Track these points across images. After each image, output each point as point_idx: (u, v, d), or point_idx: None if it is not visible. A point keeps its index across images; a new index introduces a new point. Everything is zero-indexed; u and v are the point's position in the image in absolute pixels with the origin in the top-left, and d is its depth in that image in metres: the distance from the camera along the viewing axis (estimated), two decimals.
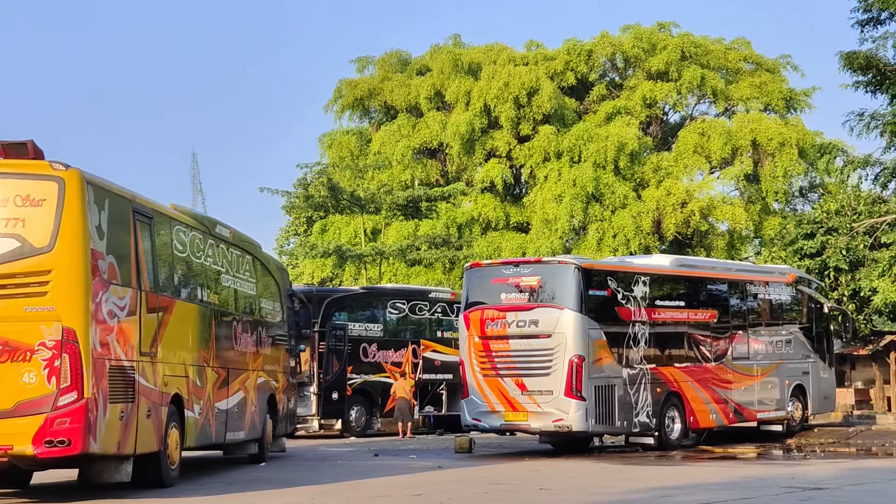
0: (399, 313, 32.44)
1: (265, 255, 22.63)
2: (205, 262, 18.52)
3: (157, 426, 15.82)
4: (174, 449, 16.60)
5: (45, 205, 13.93)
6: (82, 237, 13.95)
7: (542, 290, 23.41)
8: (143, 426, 15.34)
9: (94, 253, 14.14)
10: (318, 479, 18.06)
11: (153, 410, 15.69)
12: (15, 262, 13.88)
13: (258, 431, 21.04)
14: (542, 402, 22.90)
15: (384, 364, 31.36)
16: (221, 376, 18.79)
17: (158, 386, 15.93)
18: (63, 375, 13.67)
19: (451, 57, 51.64)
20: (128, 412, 14.87)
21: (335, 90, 53.74)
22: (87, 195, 14.12)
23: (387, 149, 51.12)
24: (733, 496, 15.28)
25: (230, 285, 19.80)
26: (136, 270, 15.42)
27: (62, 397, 13.65)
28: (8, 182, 14.20)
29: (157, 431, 15.83)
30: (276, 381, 22.19)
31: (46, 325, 13.70)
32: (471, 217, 50.17)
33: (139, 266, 15.51)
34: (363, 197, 46.67)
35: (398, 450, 25.21)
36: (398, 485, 17.13)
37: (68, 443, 13.57)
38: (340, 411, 30.14)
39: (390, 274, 47.53)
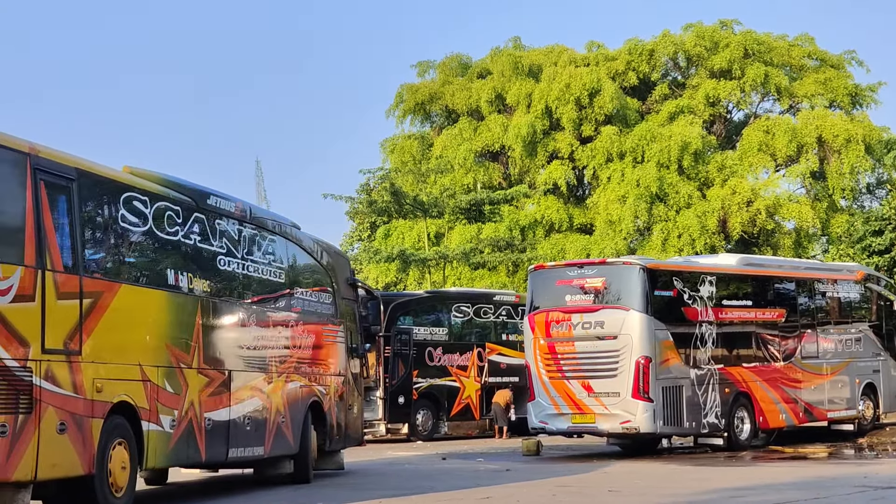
0: (464, 317, 32.48)
1: (305, 238, 19.49)
2: (184, 240, 15.54)
3: (82, 443, 12.70)
4: (119, 471, 13.45)
5: None
6: None
7: (607, 291, 23.37)
8: (53, 444, 12.18)
9: None
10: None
11: (73, 423, 12.53)
12: None
13: (292, 446, 18.13)
14: (609, 403, 22.86)
15: (450, 368, 31.41)
16: (216, 380, 15.85)
17: (85, 392, 12.79)
18: None
19: (511, 59, 51.63)
20: (15, 427, 11.65)
21: (396, 95, 53.93)
22: None
23: (449, 152, 51.20)
24: (805, 496, 15.20)
25: (236, 270, 16.88)
26: (37, 245, 12.18)
27: None
28: None
29: (82, 450, 12.70)
30: (322, 385, 19.32)
31: None
32: (534, 219, 50.11)
33: (43, 239, 12.29)
34: (426, 201, 46.75)
35: (466, 453, 25.25)
36: (466, 487, 17.14)
37: None
38: (407, 415, 30.23)
39: (454, 278, 47.57)
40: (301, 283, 19.11)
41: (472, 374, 31.75)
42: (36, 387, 11.92)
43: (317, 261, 19.72)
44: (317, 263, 19.74)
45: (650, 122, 50.55)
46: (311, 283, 19.55)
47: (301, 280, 19.18)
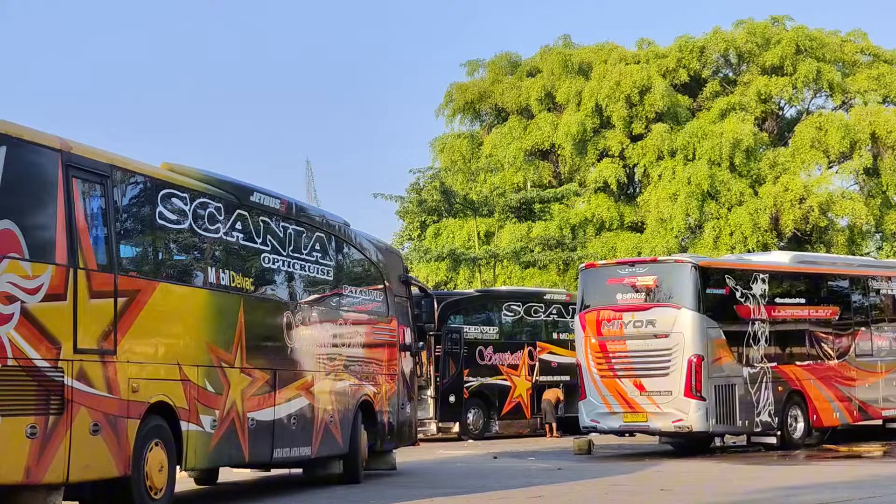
0: (514, 315, 32.45)
1: (354, 235, 19.07)
2: (226, 238, 15.22)
3: (117, 444, 12.40)
4: (156, 473, 13.14)
5: None
6: None
7: (658, 289, 23.24)
8: (86, 445, 11.87)
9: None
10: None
11: (107, 424, 12.21)
12: None
13: (340, 447, 17.77)
14: (661, 402, 22.74)
15: (500, 366, 31.36)
16: (260, 380, 15.52)
17: (119, 392, 12.48)
18: None
19: (561, 57, 51.46)
20: (46, 428, 11.33)
21: (446, 94, 53.89)
22: None
23: (498, 151, 51.11)
24: (859, 495, 15.03)
25: (281, 267, 16.57)
26: (69, 243, 11.85)
27: None
28: None
29: (117, 451, 12.41)
30: (373, 384, 18.93)
31: None
32: (584, 218, 49.93)
33: (75, 238, 11.94)
34: (476, 200, 46.70)
35: (517, 452, 25.21)
36: (518, 487, 17.02)
37: None
38: (458, 414, 30.21)
39: (504, 276, 47.48)
40: (350, 281, 18.87)
41: (523, 372, 31.70)
42: (67, 387, 11.62)
43: (367, 258, 19.40)
44: (367, 260, 19.42)
45: (701, 119, 50.20)
46: (361, 280, 19.31)
47: (350, 277, 18.94)
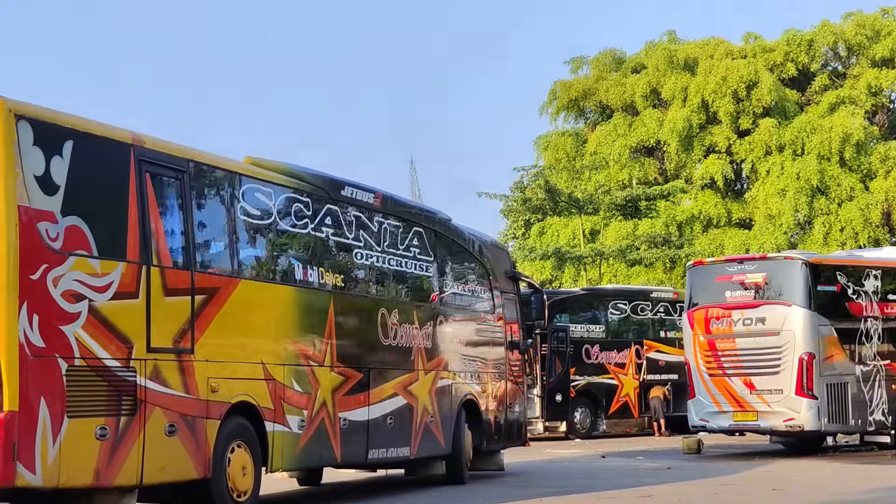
0: (621, 314, 32.24)
1: (456, 230, 18.47)
2: (315, 233, 14.72)
3: (195, 445, 11.98)
4: (239, 475, 12.66)
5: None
6: (3, 191, 10.14)
7: (767, 287, 22.90)
8: (161, 446, 11.48)
9: (30, 213, 10.28)
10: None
11: (184, 425, 11.82)
12: None
13: (442, 447, 17.18)
14: (771, 401, 22.35)
15: (607, 365, 31.17)
16: (352, 379, 14.98)
17: (197, 392, 12.06)
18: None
19: (666, 53, 50.99)
20: (118, 429, 10.94)
21: (550, 92, 53.67)
22: (16, 134, 10.26)
23: (603, 149, 50.80)
24: None
25: (375, 263, 16.02)
26: (142, 240, 11.45)
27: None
28: None
29: (195, 452, 11.98)
30: (478, 382, 18.33)
31: None
32: (691, 215, 49.41)
33: (148, 234, 11.56)
34: (581, 198, 46.41)
35: (625, 452, 24.97)
36: (627, 486, 16.81)
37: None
38: (565, 413, 30.08)
39: (610, 275, 47.17)
40: (452, 276, 18.40)
41: (630, 371, 31.49)
42: (140, 387, 11.23)
43: (470, 253, 18.81)
44: (470, 255, 18.84)
45: (810, 113, 49.41)
46: (463, 275, 18.79)
47: (451, 273, 18.43)
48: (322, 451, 14.43)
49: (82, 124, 11.10)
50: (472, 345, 18.43)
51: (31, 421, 10.06)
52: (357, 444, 15.09)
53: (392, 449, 15.92)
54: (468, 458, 18.01)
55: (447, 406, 17.35)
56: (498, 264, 19.68)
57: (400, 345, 16.24)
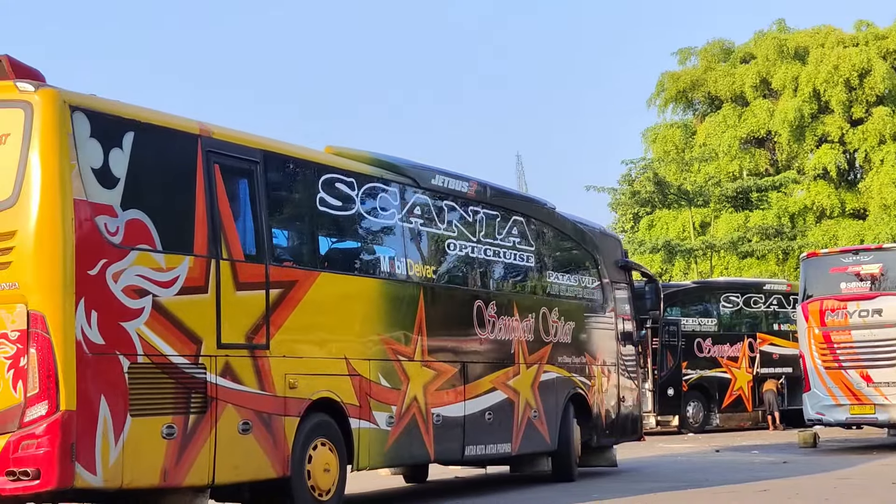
0: (733, 307, 31.87)
1: (560, 218, 17.80)
2: (403, 224, 14.15)
3: (272, 444, 11.54)
4: (322, 473, 12.18)
5: (9, 141, 9.84)
6: (58, 184, 9.69)
7: (884, 277, 22.44)
8: (234, 445, 11.07)
9: (86, 207, 9.86)
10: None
11: (259, 423, 11.38)
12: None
13: (547, 443, 16.54)
14: (889, 393, 21.84)
15: (720, 359, 30.84)
16: (446, 373, 14.46)
17: (274, 389, 11.61)
18: (30, 379, 9.50)
19: (775, 43, 50.25)
20: (186, 428, 10.55)
21: (657, 83, 53.19)
22: (72, 125, 9.87)
23: (712, 140, 50.26)
24: None
25: (470, 254, 15.48)
26: (210, 233, 11.01)
27: (29, 410, 9.47)
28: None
29: (273, 451, 11.54)
30: (586, 376, 17.58)
31: (8, 309, 9.58)
32: (803, 206, 48.66)
33: (217, 227, 11.12)
34: (690, 190, 45.90)
35: (739, 446, 24.60)
36: (743, 481, 16.49)
37: (34, 475, 9.38)
38: (677, 407, 29.82)
39: (721, 267, 46.70)
40: (555, 267, 17.64)
41: (743, 364, 31.10)
42: (210, 384, 10.79)
43: (577, 242, 18.15)
44: (577, 245, 18.17)
45: None
46: (569, 265, 17.99)
47: (555, 263, 17.69)
48: (413, 448, 13.87)
49: (145, 115, 10.71)
50: (579, 337, 17.62)
51: (91, 420, 9.67)
52: (452, 441, 14.56)
53: (491, 445, 15.32)
54: (577, 455, 17.33)
55: (552, 400, 16.68)
56: (607, 253, 18.96)
57: (498, 337, 15.62)
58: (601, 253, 18.68)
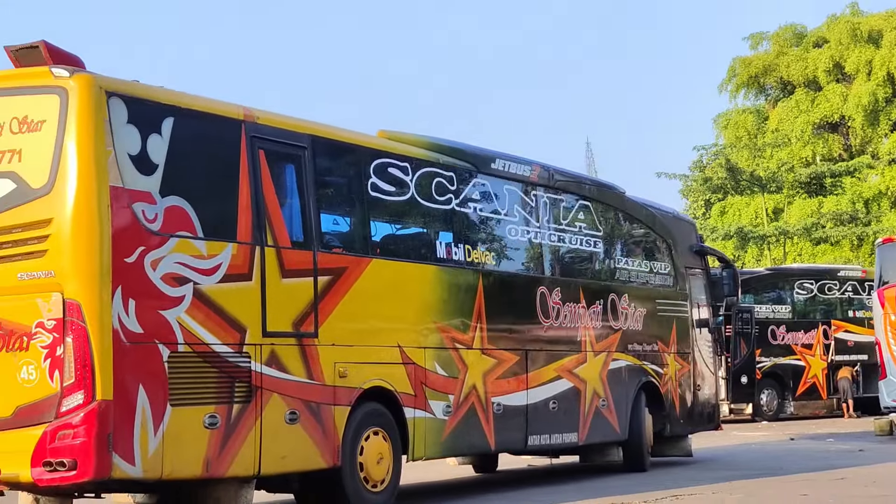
0: (807, 294, 31.53)
1: (630, 202, 17.38)
2: (461, 209, 13.78)
3: (321, 433, 11.26)
4: (374, 463, 11.89)
5: (44, 128, 9.65)
6: (94, 171, 9.48)
7: None
8: (281, 435, 10.82)
9: (123, 193, 9.63)
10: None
11: (307, 412, 11.11)
12: (8, 212, 9.64)
13: (616, 432, 16.16)
14: None
15: (794, 346, 30.56)
16: (507, 362, 14.07)
17: (323, 378, 11.33)
18: (67, 369, 9.31)
19: (849, 26, 49.55)
20: (230, 417, 10.31)
21: (729, 69, 52.67)
22: (108, 111, 9.65)
23: (785, 125, 49.74)
24: None
25: (533, 239, 15.06)
26: (255, 219, 10.75)
27: (65, 400, 9.30)
28: (3, 101, 9.93)
29: (322, 440, 11.26)
30: (658, 364, 17.14)
31: (44, 297, 9.38)
32: (878, 191, 47.87)
33: (262, 214, 10.85)
34: (763, 176, 45.46)
35: (814, 434, 24.28)
36: (818, 469, 16.25)
37: (70, 465, 9.19)
38: (750, 395, 29.36)
39: (794, 254, 46.22)
40: (625, 252, 17.24)
41: (818, 352, 30.77)
42: (255, 373, 10.54)
43: (648, 227, 17.69)
44: (647, 229, 17.72)
45: None
46: (639, 250, 17.62)
47: (625, 248, 17.32)
48: (472, 438, 13.51)
49: (185, 101, 10.49)
50: (651, 324, 17.11)
51: (128, 410, 9.44)
52: (514, 430, 14.17)
53: (556, 435, 14.91)
54: (649, 444, 16.94)
55: (622, 389, 16.25)
56: (681, 238, 18.43)
57: (563, 325, 15.15)
58: (674, 238, 18.21)
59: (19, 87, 9.85)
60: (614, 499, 13.21)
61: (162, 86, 10.56)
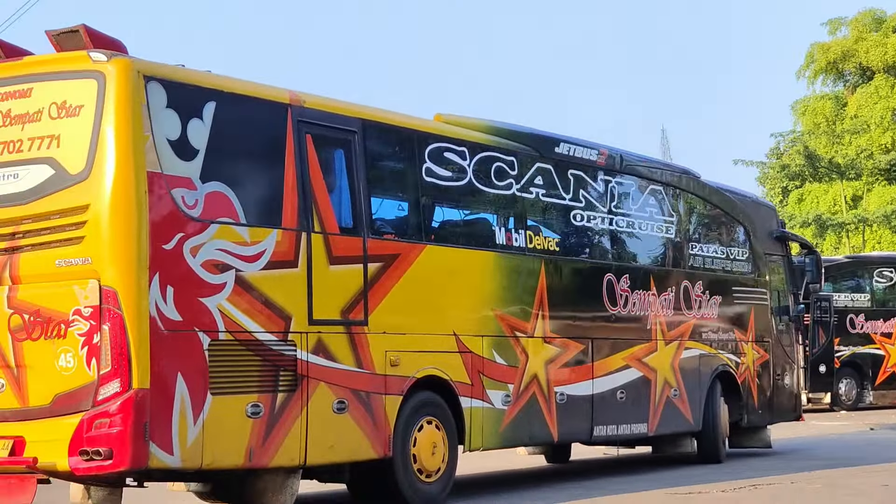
0: (887, 282, 30.86)
1: (705, 187, 16.98)
2: (522, 195, 13.40)
3: (371, 423, 11.05)
4: (428, 454, 11.65)
5: (82, 113, 9.49)
6: (131, 157, 9.31)
7: None
8: (328, 424, 10.65)
9: (161, 179, 9.46)
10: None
11: (356, 401, 10.88)
12: (46, 198, 9.49)
13: (689, 423, 15.77)
14: None
15: (873, 335, 30.01)
16: (571, 350, 13.73)
17: (373, 367, 11.11)
18: (103, 357, 9.16)
19: None
20: (274, 407, 10.11)
21: (807, 55, 51.88)
22: (145, 96, 9.47)
23: (864, 112, 48.88)
24: None
25: (599, 225, 14.70)
26: (301, 205, 10.54)
27: (102, 388, 9.15)
28: (42, 86, 9.75)
29: (372, 430, 11.05)
30: (735, 353, 16.77)
31: (81, 284, 9.25)
32: None
33: (308, 199, 10.64)
34: (842, 163, 44.84)
35: (894, 424, 23.81)
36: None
37: (106, 455, 9.04)
38: (829, 385, 28.95)
39: (874, 241, 45.45)
40: (699, 238, 16.78)
41: None
42: (301, 361, 10.34)
43: (724, 211, 17.26)
44: (725, 214, 17.30)
45: None
46: (714, 236, 17.19)
47: (699, 234, 16.89)
48: (533, 429, 13.18)
49: (229, 85, 10.33)
50: (727, 311, 16.73)
51: (166, 399, 9.29)
52: (578, 421, 13.85)
53: (624, 425, 14.57)
54: (724, 435, 16.61)
55: (695, 378, 15.85)
56: (760, 223, 17.92)
57: (632, 313, 14.81)
58: (753, 223, 17.75)
59: (58, 71, 9.69)
60: (691, 488, 13.02)
61: (209, 70, 10.39)
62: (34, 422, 9.35)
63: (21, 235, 9.56)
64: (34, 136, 9.61)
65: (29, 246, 9.54)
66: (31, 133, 9.64)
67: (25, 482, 9.51)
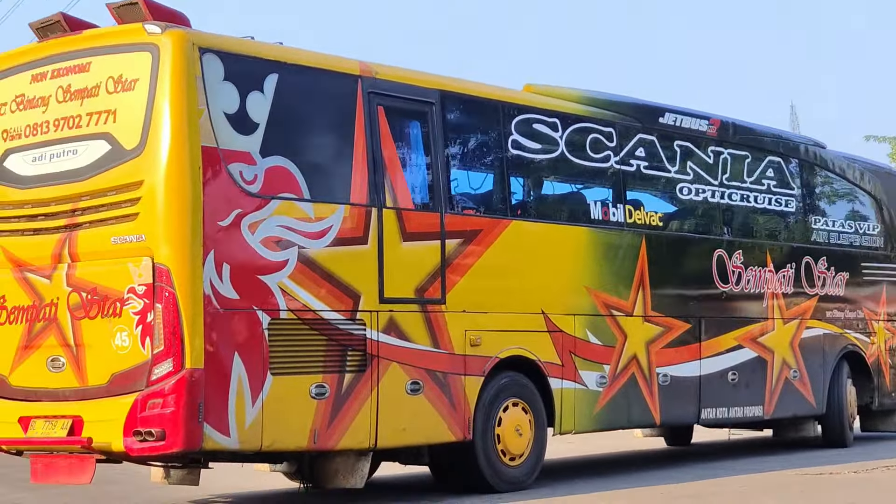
0: None
1: (832, 158, 16.20)
2: (621, 167, 12.78)
3: (449, 405, 10.63)
4: (513, 436, 11.19)
5: (137, 87, 9.20)
6: (185, 131, 9.00)
7: None
8: (401, 406, 10.25)
9: (216, 154, 9.14)
10: None
11: (432, 382, 10.47)
12: (103, 174, 9.24)
13: (811, 406, 15.00)
14: None
15: None
16: (675, 329, 13.08)
17: (451, 346, 10.66)
18: (156, 336, 8.87)
19: None
20: (340, 387, 9.74)
21: None
22: (200, 68, 9.14)
23: None
24: None
25: (709, 199, 13.98)
26: (371, 180, 10.11)
27: (155, 368, 8.87)
28: (100, 60, 9.47)
29: (450, 412, 10.61)
30: (863, 332, 15.98)
31: (135, 262, 9.01)
32: None
33: (380, 173, 10.20)
34: None
35: None
36: None
37: (159, 436, 8.78)
38: None
39: None
40: (823, 211, 15.97)
41: None
42: (371, 341, 9.95)
43: (853, 184, 16.47)
44: (853, 186, 16.50)
45: None
46: (841, 209, 16.34)
47: (823, 206, 16.06)
48: (632, 411, 12.58)
49: (292, 56, 9.95)
50: (855, 288, 15.95)
51: (222, 379, 8.98)
52: (684, 403, 13.22)
53: (736, 408, 13.91)
54: (852, 418, 15.84)
55: (818, 359, 15.12)
56: (893, 196, 17.06)
57: (745, 290, 14.12)
58: (886, 195, 16.87)
59: (115, 45, 9.39)
60: (821, 468, 12.66)
61: (280, 42, 10.07)
62: (92, 401, 9.14)
63: (80, 212, 9.33)
64: (92, 111, 9.35)
65: (87, 223, 9.30)
66: (89, 108, 9.39)
67: (85, 462, 9.32)
